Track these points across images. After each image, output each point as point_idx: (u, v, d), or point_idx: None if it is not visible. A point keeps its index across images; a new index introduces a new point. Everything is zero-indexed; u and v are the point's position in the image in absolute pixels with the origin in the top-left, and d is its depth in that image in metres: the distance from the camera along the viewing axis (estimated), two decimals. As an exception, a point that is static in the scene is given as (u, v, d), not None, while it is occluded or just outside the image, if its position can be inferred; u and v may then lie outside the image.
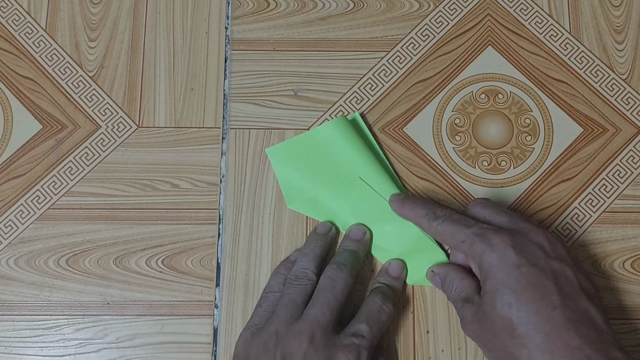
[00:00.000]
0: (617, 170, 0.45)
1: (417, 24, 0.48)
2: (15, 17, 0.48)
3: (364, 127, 0.46)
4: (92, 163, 0.46)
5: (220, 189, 0.45)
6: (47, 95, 0.47)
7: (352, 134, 0.45)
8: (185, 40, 0.48)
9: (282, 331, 0.38)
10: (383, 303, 0.40)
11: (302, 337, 0.37)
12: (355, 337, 0.38)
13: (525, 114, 0.46)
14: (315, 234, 0.43)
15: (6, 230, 0.44)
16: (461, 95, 0.47)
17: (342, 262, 0.41)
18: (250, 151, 0.46)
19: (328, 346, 0.37)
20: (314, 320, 0.38)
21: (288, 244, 0.44)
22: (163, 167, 0.45)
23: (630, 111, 0.46)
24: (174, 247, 0.44)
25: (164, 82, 0.47)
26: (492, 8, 0.49)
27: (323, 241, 0.43)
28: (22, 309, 0.43)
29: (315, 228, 0.44)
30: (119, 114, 0.47)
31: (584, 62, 0.47)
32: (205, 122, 0.46)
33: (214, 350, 0.43)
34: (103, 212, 0.45)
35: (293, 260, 0.43)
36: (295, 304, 0.39)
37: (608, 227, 0.44)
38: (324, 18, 0.48)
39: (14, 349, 0.42)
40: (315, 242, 0.43)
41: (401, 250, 0.43)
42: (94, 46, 0.48)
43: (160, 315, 0.43)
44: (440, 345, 0.43)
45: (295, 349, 0.37)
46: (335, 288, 0.39)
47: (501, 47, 0.48)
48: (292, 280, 0.41)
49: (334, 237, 0.44)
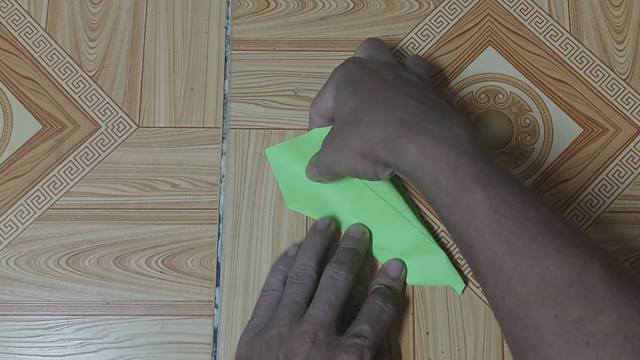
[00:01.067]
0: (617, 170, 0.45)
1: (417, 24, 0.48)
2: (15, 17, 0.48)
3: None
4: (92, 163, 0.46)
5: (220, 189, 0.45)
6: (47, 95, 0.47)
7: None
8: (185, 40, 0.48)
9: (285, 332, 0.38)
10: (383, 304, 0.40)
11: (305, 337, 0.37)
12: (357, 338, 0.38)
13: (525, 114, 0.46)
14: (315, 230, 0.43)
15: (6, 230, 0.44)
16: (461, 95, 0.47)
17: (342, 261, 0.41)
18: (250, 151, 0.46)
19: (331, 347, 0.37)
20: (316, 321, 0.38)
21: (288, 244, 0.44)
22: (163, 167, 0.45)
23: (630, 111, 0.46)
24: (174, 247, 0.44)
25: (164, 82, 0.47)
26: (492, 8, 0.48)
27: (323, 237, 0.43)
28: (22, 309, 0.43)
29: (315, 224, 0.44)
30: (119, 114, 0.47)
31: (584, 62, 0.47)
32: (205, 122, 0.46)
33: (214, 351, 0.43)
34: (103, 212, 0.45)
35: (291, 255, 0.43)
36: (296, 304, 0.39)
37: (608, 227, 0.44)
38: (324, 18, 0.48)
39: (14, 349, 0.42)
40: (315, 238, 0.43)
41: (401, 250, 0.43)
42: (94, 46, 0.48)
43: (160, 315, 0.43)
44: (440, 346, 0.43)
45: (298, 349, 0.37)
46: (336, 287, 0.39)
47: (501, 47, 0.48)
48: (292, 279, 0.41)
49: (334, 232, 0.44)
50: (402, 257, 0.43)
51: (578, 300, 0.28)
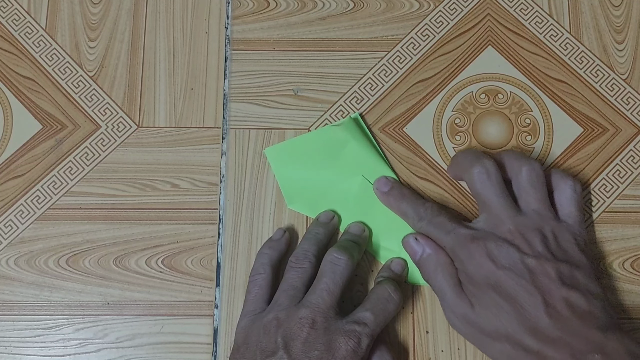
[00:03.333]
0: (617, 170, 0.45)
1: (417, 24, 0.48)
2: (15, 17, 0.48)
3: (364, 127, 0.46)
4: (92, 163, 0.46)
5: (220, 189, 0.45)
6: (47, 95, 0.47)
7: (354, 134, 0.45)
8: (185, 40, 0.48)
9: (283, 316, 0.38)
10: (393, 292, 0.40)
11: (303, 322, 0.37)
12: (357, 325, 0.38)
13: (525, 113, 0.46)
14: (317, 222, 0.43)
15: (6, 230, 0.44)
16: (461, 95, 0.47)
17: (342, 246, 0.41)
18: (250, 151, 0.46)
19: (329, 331, 0.37)
20: (315, 307, 0.38)
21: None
22: (163, 167, 0.45)
23: (630, 111, 0.46)
24: (174, 247, 0.44)
25: (164, 82, 0.47)
26: (492, 8, 0.48)
27: (325, 229, 0.43)
28: (22, 309, 0.43)
29: (318, 216, 0.44)
30: (119, 113, 0.47)
31: (584, 62, 0.47)
32: (205, 122, 0.46)
33: (214, 351, 0.43)
34: (103, 212, 0.45)
35: (276, 239, 0.43)
36: (295, 289, 0.40)
37: (608, 227, 0.44)
38: (324, 18, 0.48)
39: (14, 349, 0.42)
40: (317, 229, 0.43)
41: (402, 249, 0.43)
42: (94, 46, 0.48)
43: (160, 315, 0.43)
44: (440, 345, 0.43)
45: (296, 333, 0.37)
46: (335, 272, 0.39)
47: (501, 47, 0.48)
48: (292, 263, 0.41)
49: (336, 226, 0.44)
50: (403, 256, 0.43)
51: None
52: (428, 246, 0.41)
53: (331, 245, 0.43)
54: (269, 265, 0.42)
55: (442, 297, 0.40)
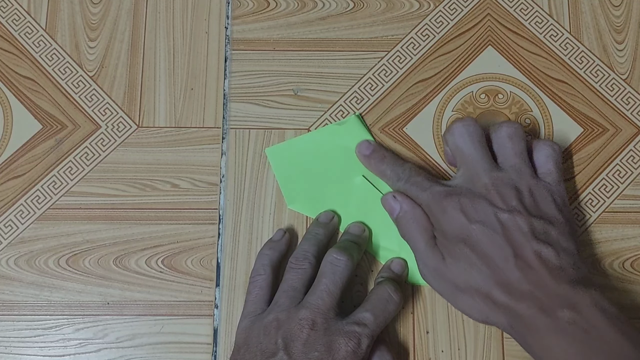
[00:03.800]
0: (617, 170, 0.45)
1: (417, 24, 0.48)
2: (15, 17, 0.48)
3: (364, 127, 0.46)
4: (92, 163, 0.46)
5: (220, 189, 0.45)
6: (47, 95, 0.47)
7: (354, 135, 0.45)
8: (185, 40, 0.48)
9: (283, 317, 0.38)
10: (393, 292, 0.40)
11: (303, 323, 0.37)
12: (357, 325, 0.38)
13: (525, 113, 0.46)
14: (317, 222, 0.44)
15: (6, 230, 0.44)
16: (461, 95, 0.47)
17: (342, 246, 0.41)
18: (250, 151, 0.46)
19: (329, 332, 0.37)
20: (315, 308, 0.38)
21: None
22: (163, 167, 0.45)
23: (630, 111, 0.46)
24: (174, 247, 0.44)
25: (164, 82, 0.47)
26: (492, 8, 0.48)
27: (325, 229, 0.43)
28: (22, 309, 0.43)
29: (318, 217, 0.44)
30: (119, 113, 0.47)
31: (584, 62, 0.47)
32: (205, 122, 0.46)
33: (214, 351, 0.43)
34: (103, 212, 0.45)
35: (276, 239, 0.43)
36: (295, 290, 0.40)
37: (608, 227, 0.44)
38: (324, 18, 0.48)
39: (14, 349, 0.42)
40: (317, 229, 0.43)
41: (402, 249, 0.43)
42: (94, 46, 0.48)
43: (160, 315, 0.43)
44: (440, 345, 0.43)
45: (296, 334, 0.37)
46: (335, 273, 0.39)
47: (501, 47, 0.48)
48: (292, 264, 0.41)
49: (336, 226, 0.44)
50: (403, 256, 0.43)
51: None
52: (405, 203, 0.41)
53: (331, 245, 0.43)
54: (269, 266, 0.42)
55: (416, 250, 0.40)
